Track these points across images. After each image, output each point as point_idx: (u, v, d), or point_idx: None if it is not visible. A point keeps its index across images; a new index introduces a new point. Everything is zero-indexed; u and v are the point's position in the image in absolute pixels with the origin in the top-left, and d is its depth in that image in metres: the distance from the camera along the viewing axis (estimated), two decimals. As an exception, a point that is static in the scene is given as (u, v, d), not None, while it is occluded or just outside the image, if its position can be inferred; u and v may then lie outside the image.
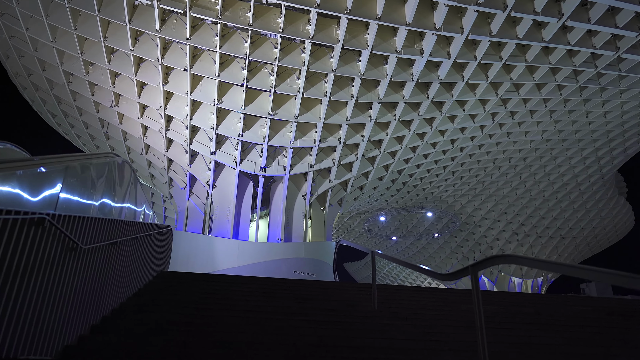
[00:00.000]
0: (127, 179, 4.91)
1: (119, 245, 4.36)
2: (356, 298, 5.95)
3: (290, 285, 6.63)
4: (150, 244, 6.13)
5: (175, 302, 5.12)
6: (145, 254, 5.76)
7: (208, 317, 4.51)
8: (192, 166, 21.70)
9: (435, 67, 18.60)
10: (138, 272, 5.48)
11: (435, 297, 6.65)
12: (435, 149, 24.16)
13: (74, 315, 3.52)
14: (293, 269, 19.99)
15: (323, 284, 7.05)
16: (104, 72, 18.95)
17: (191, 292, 5.74)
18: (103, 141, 23.54)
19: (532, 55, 18.06)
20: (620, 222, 39.30)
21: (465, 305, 5.98)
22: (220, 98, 19.05)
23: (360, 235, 41.25)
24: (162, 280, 6.46)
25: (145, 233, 5.58)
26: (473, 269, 3.39)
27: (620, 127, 25.82)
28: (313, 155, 21.38)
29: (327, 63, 17.77)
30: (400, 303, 5.87)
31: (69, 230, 3.35)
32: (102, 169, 4.00)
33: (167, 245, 8.01)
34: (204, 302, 5.27)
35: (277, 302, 5.41)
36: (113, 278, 4.30)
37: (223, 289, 6.04)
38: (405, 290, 7.63)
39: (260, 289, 6.14)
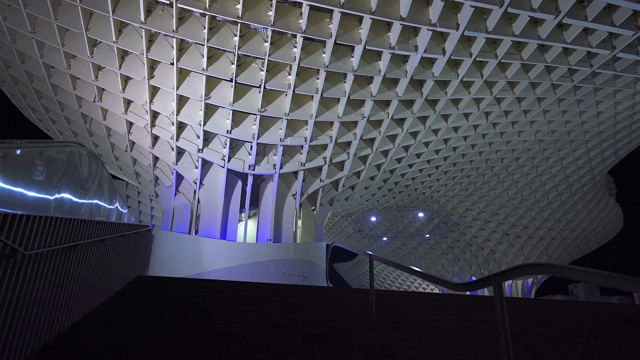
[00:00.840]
0: (94, 173, 4.33)
1: (81, 248, 3.78)
2: (352, 306, 5.43)
3: (280, 291, 6.08)
4: (124, 246, 5.54)
5: (148, 313, 4.55)
6: (117, 258, 5.18)
7: (184, 331, 3.95)
8: (179, 164, 21.03)
9: (429, 64, 18.17)
10: (108, 278, 4.88)
11: (435, 304, 6.16)
12: (428, 148, 23.75)
13: (14, 336, 2.89)
14: (282, 271, 19.43)
15: (315, 289, 6.47)
16: (86, 65, 18.21)
17: (168, 301, 5.16)
18: (86, 137, 22.76)
19: (527, 53, 17.70)
20: (609, 223, 39.32)
21: (471, 314, 5.49)
22: (208, 93, 18.43)
23: (350, 235, 40.78)
24: (138, 286, 5.88)
25: (117, 234, 4.99)
26: (496, 279, 2.88)
27: (613, 128, 25.66)
28: (304, 153, 20.83)
29: (319, 58, 17.24)
30: (399, 311, 5.37)
31: (3, 232, 2.73)
32: (61, 159, 3.42)
33: (145, 247, 7.40)
34: (181, 312, 4.70)
35: (265, 312, 4.87)
36: (73, 287, 3.72)
37: (205, 296, 5.47)
38: (403, 296, 7.12)
39: (247, 296, 5.59)
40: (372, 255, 5.08)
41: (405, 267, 4.40)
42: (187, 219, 21.01)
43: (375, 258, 5.07)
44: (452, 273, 41.86)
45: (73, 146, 3.83)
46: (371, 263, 5.01)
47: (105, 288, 4.88)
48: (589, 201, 34.99)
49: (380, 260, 4.99)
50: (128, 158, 22.48)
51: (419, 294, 7.45)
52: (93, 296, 4.40)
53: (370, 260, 5.04)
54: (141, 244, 6.85)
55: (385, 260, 4.89)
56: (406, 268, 4.35)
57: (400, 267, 4.44)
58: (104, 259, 4.59)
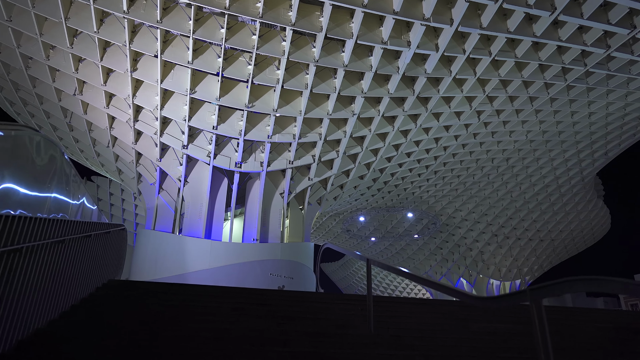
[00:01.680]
0: (52, 163, 3.73)
1: (30, 251, 3.19)
2: (347, 315, 4.91)
3: (267, 297, 5.51)
4: (91, 248, 4.93)
5: (111, 326, 3.96)
6: (81, 261, 4.58)
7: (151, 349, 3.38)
8: (163, 160, 20.33)
9: (422, 60, 17.74)
10: (70, 284, 4.28)
11: (438, 313, 5.66)
12: (418, 147, 23.34)
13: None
14: (269, 272, 18.86)
15: (305, 295, 5.89)
16: (66, 56, 17.43)
17: (136, 311, 4.57)
18: (66, 132, 21.91)
19: (521, 50, 17.37)
20: (597, 224, 39.39)
21: (477, 324, 5.02)
22: (194, 88, 17.79)
23: (338, 235, 40.30)
24: (106, 293, 5.27)
25: (81, 234, 4.39)
26: (534, 295, 2.37)
27: (604, 129, 25.52)
28: (292, 151, 20.27)
29: (308, 53, 16.70)
30: (400, 322, 4.86)
31: None
32: (5, 145, 2.84)
33: (119, 249, 6.78)
34: (149, 325, 4.12)
35: (249, 323, 4.31)
36: (19, 298, 3.13)
37: (180, 304, 4.88)
38: (402, 304, 6.60)
39: (229, 304, 5.02)
40: (370, 260, 4.55)
41: (415, 277, 3.86)
42: (170, 218, 20.32)
43: (373, 263, 4.55)
44: (440, 274, 41.62)
45: (22, 130, 3.24)
46: (369, 268, 4.48)
47: (67, 296, 4.27)
48: (577, 202, 34.96)
49: (380, 266, 4.45)
50: (110, 154, 21.69)
51: (419, 301, 6.94)
52: (49, 307, 3.81)
53: (368, 265, 4.50)
54: (113, 245, 6.22)
55: (387, 266, 4.37)
56: (416, 278, 3.82)
57: (409, 277, 3.90)
58: (63, 263, 4.00)
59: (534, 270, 41.42)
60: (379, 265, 4.49)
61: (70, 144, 23.26)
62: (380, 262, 4.50)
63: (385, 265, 4.44)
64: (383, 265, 4.48)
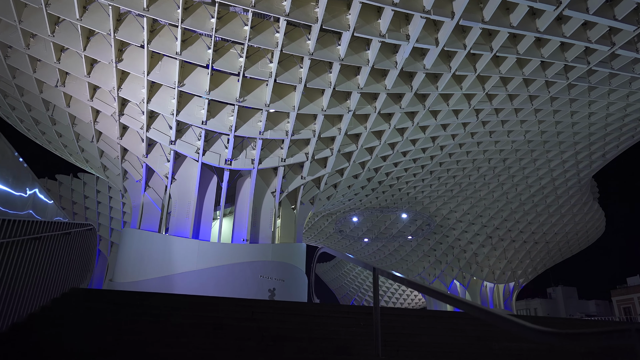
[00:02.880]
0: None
1: None
2: (348, 334, 4.19)
3: (254, 310, 4.73)
4: (43, 252, 4.16)
5: (61, 352, 3.21)
6: (29, 268, 3.81)
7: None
8: (149, 157, 19.48)
9: (421, 55, 17.08)
10: (12, 297, 3.50)
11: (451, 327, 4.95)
12: (415, 146, 22.68)
13: None
14: (259, 274, 18.08)
15: (298, 308, 5.09)
16: (47, 45, 16.53)
17: (97, 330, 3.82)
18: (49, 126, 20.97)
19: (524, 47, 16.76)
20: (592, 227, 39.05)
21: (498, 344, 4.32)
22: (182, 80, 16.98)
23: (330, 236, 39.57)
24: (66, 305, 4.49)
25: (27, 236, 3.60)
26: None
27: (603, 130, 25.05)
28: (284, 148, 19.51)
29: (303, 45, 15.96)
30: (410, 342, 4.15)
31: None
32: None
33: (84, 252, 5.97)
34: (110, 349, 3.37)
35: (231, 344, 3.57)
36: None
37: (151, 320, 4.13)
38: (408, 317, 5.86)
39: (211, 320, 4.27)
40: (377, 270, 3.82)
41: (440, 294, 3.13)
42: (157, 217, 19.46)
43: (382, 273, 3.81)
44: (434, 276, 41.05)
45: None
46: (376, 279, 3.75)
47: (9, 311, 3.50)
48: (573, 205, 34.54)
49: (392, 277, 3.71)
50: (94, 149, 20.78)
51: (428, 314, 6.18)
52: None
53: (375, 275, 3.77)
54: (76, 248, 5.43)
55: (401, 278, 3.63)
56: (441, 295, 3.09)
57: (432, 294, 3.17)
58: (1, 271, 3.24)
59: (528, 273, 41.02)
60: (389, 276, 3.76)
61: (54, 139, 22.32)
62: (390, 273, 3.78)
63: (399, 278, 3.71)
64: (394, 277, 3.75)
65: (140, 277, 17.55)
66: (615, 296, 49.62)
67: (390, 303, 60.40)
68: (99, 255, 39.21)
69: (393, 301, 60.13)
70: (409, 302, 61.02)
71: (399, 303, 60.74)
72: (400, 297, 59.48)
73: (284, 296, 18.26)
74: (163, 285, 17.21)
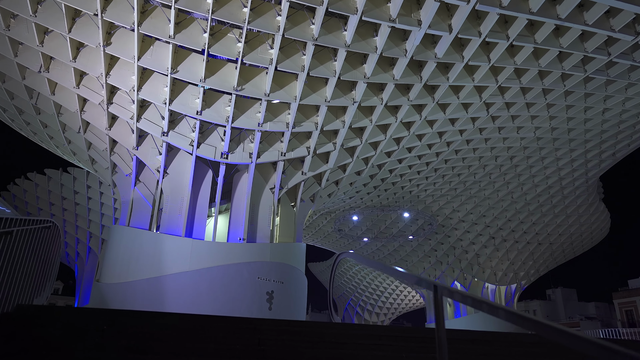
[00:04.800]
0: None
1: None
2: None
3: (262, 336, 3.56)
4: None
5: None
6: None
7: None
8: (140, 149, 18.27)
9: (432, 43, 15.96)
10: None
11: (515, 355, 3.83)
12: (421, 141, 21.56)
13: None
14: (257, 275, 16.92)
15: (316, 330, 3.89)
16: (29, 26, 15.28)
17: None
18: (33, 115, 19.68)
19: (542, 35, 15.67)
20: (597, 228, 38.13)
21: None
22: (176, 67, 15.81)
23: (329, 235, 38.42)
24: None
25: None
26: None
27: (616, 128, 24.04)
28: (285, 141, 18.36)
29: (306, 30, 14.80)
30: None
31: None
32: None
33: (39, 257, 4.76)
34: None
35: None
36: None
37: (122, 355, 2.99)
38: (463, 344, 4.66)
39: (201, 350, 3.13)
40: (440, 288, 2.70)
41: (539, 324, 2.03)
42: (147, 213, 18.26)
43: (447, 294, 2.69)
44: (434, 277, 40.02)
45: None
46: (438, 301, 2.64)
47: None
48: (579, 205, 33.58)
49: (462, 300, 2.61)
50: (82, 141, 19.53)
51: (472, 335, 4.96)
52: None
53: (437, 295, 2.65)
54: (29, 252, 4.26)
55: (480, 301, 2.52)
56: (543, 326, 1.99)
57: (523, 321, 2.08)
58: None
59: (530, 275, 40.09)
60: (458, 298, 2.65)
61: (39, 130, 21.03)
62: (460, 292, 2.67)
63: (478, 300, 2.58)
64: (467, 299, 2.63)
65: (128, 277, 16.37)
66: (617, 299, 48.79)
67: (387, 303, 59.40)
68: (89, 253, 37.90)
69: (390, 301, 59.12)
70: (406, 303, 60.03)
71: (397, 304, 59.74)
72: (397, 297, 58.45)
73: (283, 300, 17.14)
74: (153, 287, 16.05)
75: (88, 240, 37.05)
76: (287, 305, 17.50)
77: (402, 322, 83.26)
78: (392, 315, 61.96)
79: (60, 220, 36.03)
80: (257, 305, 16.60)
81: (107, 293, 16.48)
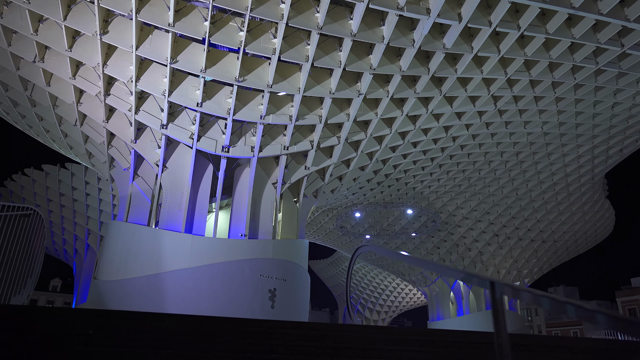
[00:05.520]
0: None
1: None
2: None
3: (275, 341, 2.98)
4: None
5: None
6: None
7: None
8: (138, 142, 17.76)
9: (440, 33, 15.45)
10: None
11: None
12: (426, 136, 21.05)
13: None
14: (259, 273, 16.43)
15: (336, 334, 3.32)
16: (22, 13, 14.73)
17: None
18: (28, 108, 19.13)
19: (554, 26, 15.17)
20: (601, 225, 37.67)
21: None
22: (175, 57, 15.27)
23: (330, 232, 37.89)
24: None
25: None
26: None
27: (625, 123, 23.55)
28: (287, 135, 17.84)
29: (311, 18, 14.27)
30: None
31: None
32: None
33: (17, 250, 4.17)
34: None
35: None
36: None
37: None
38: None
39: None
40: (497, 285, 2.22)
41: None
42: (146, 208, 17.76)
43: (508, 291, 2.21)
44: (436, 275, 39.60)
45: None
46: (498, 303, 2.15)
47: None
48: (584, 202, 33.10)
49: (530, 299, 2.13)
50: (78, 134, 19.00)
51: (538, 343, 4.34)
52: None
53: (497, 296, 2.17)
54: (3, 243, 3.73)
55: (544, 295, 2.05)
56: None
57: None
58: None
59: (534, 273, 39.62)
60: (526, 298, 2.15)
61: (34, 123, 20.50)
62: (528, 290, 2.17)
63: (541, 295, 2.08)
64: (542, 299, 2.13)
65: (126, 275, 15.87)
66: (620, 297, 48.45)
67: (388, 301, 59.00)
68: (87, 250, 37.38)
69: (391, 299, 58.72)
70: (407, 301, 59.63)
71: (397, 302, 59.35)
72: (399, 295, 58.05)
73: (286, 298, 16.65)
74: (152, 285, 15.55)
75: (86, 237, 36.54)
76: (290, 304, 17.02)
77: (402, 320, 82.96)
78: (392, 313, 61.59)
79: (58, 216, 35.51)
80: (259, 303, 16.11)
81: (105, 291, 15.98)
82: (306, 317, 17.85)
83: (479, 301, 37.40)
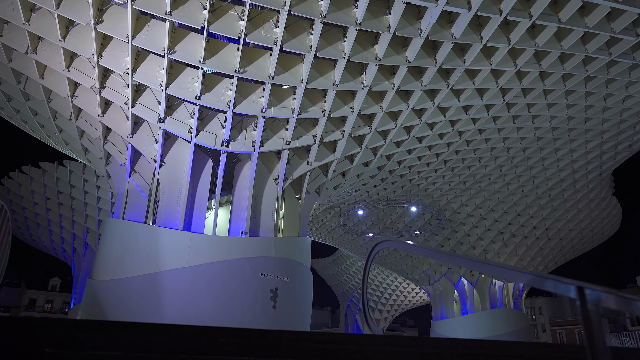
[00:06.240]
0: None
1: None
2: None
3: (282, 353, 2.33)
4: None
5: None
6: None
7: None
8: (135, 137, 17.18)
9: (449, 22, 14.85)
10: None
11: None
12: (432, 130, 20.46)
13: None
14: (260, 272, 15.86)
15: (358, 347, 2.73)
16: (14, 2, 14.15)
17: None
18: (22, 102, 18.56)
19: (566, 15, 14.56)
20: (608, 224, 37.09)
21: None
22: (173, 47, 14.69)
23: (332, 230, 37.31)
24: None
25: None
26: None
27: (635, 117, 22.97)
28: (289, 129, 17.25)
29: (314, 6, 13.69)
30: None
31: None
32: None
33: None
34: None
35: None
36: None
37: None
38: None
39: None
40: (587, 290, 1.70)
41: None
42: (143, 205, 17.18)
43: (603, 299, 1.67)
44: (440, 273, 39.06)
45: None
46: (592, 315, 1.61)
47: None
48: (591, 199, 32.50)
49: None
50: (73, 129, 18.42)
51: None
52: None
53: (588, 306, 1.61)
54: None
55: None
56: None
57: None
58: None
59: (539, 271, 38.97)
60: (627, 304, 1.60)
61: (29, 118, 19.92)
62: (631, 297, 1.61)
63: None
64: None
65: (123, 274, 15.31)
66: (626, 296, 47.81)
67: (390, 300, 58.45)
68: (86, 248, 36.78)
69: (394, 298, 58.16)
70: (409, 300, 59.08)
71: (400, 300, 58.79)
72: (401, 294, 57.51)
73: (288, 298, 16.08)
74: (149, 284, 14.98)
75: (85, 236, 35.96)
76: (293, 304, 16.45)
77: (404, 320, 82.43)
78: (395, 312, 61.07)
79: (57, 215, 34.97)
80: (260, 303, 15.54)
81: (100, 291, 15.43)
82: (309, 318, 17.28)
83: (484, 300, 36.84)
